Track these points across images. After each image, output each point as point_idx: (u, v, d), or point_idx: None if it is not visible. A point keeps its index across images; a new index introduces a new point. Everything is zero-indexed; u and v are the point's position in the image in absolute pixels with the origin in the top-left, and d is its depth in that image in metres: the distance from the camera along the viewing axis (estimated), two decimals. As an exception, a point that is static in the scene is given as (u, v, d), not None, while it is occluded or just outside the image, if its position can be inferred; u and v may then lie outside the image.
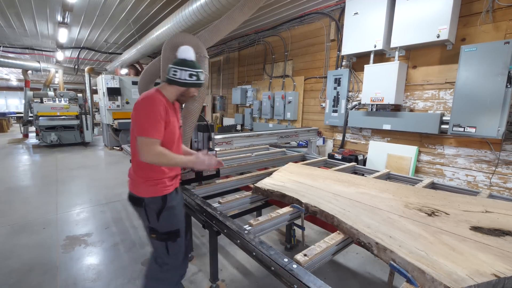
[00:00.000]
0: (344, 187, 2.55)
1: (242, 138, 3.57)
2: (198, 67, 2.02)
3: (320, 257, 1.62)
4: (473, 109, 3.51)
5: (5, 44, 10.16)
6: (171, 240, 2.03)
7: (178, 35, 2.86)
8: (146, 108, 1.83)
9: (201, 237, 3.67)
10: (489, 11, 3.61)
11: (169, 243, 2.03)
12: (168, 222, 2.01)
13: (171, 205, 2.02)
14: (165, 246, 2.03)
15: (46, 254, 3.23)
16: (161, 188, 1.97)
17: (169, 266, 2.09)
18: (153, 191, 1.96)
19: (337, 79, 5.45)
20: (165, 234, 2.00)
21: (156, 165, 1.94)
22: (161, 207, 1.97)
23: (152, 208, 1.96)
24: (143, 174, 1.96)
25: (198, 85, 2.04)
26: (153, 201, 1.96)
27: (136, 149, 1.87)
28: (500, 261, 1.37)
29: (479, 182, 3.87)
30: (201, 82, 2.05)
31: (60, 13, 6.81)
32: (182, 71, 1.95)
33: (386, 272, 2.95)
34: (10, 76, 20.18)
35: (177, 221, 2.07)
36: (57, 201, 4.89)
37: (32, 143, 11.33)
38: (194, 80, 1.98)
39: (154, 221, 1.98)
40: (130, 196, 2.03)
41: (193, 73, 1.97)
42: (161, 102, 1.87)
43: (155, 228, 1.99)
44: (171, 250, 2.04)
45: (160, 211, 1.97)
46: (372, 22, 4.54)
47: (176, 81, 1.96)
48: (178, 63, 1.96)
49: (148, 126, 1.80)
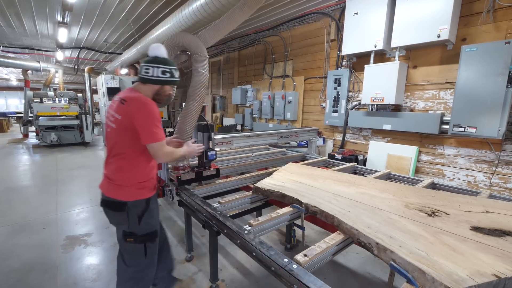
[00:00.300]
0: (344, 187, 2.55)
1: (242, 138, 3.57)
2: (170, 63, 2.00)
3: (320, 257, 1.62)
4: (474, 109, 3.50)
5: (5, 44, 10.15)
6: (150, 241, 2.03)
7: (178, 34, 2.85)
8: (145, 112, 1.82)
9: (201, 237, 3.67)
10: (490, 11, 3.61)
11: (148, 244, 2.02)
12: (148, 225, 2.01)
13: (152, 207, 2.04)
14: (143, 248, 2.01)
15: (46, 254, 3.23)
16: (147, 191, 2.00)
17: (146, 264, 2.08)
18: (139, 194, 1.95)
19: (337, 79, 5.45)
20: (144, 236, 1.99)
21: (143, 168, 1.97)
22: (144, 209, 1.98)
23: (134, 211, 1.94)
24: (131, 178, 1.93)
25: (173, 82, 2.02)
26: (137, 204, 1.95)
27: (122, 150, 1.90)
28: (501, 262, 1.37)
29: (480, 182, 3.86)
30: (175, 79, 2.03)
31: (60, 12, 6.80)
32: (154, 68, 1.92)
33: (386, 273, 2.94)
34: (10, 76, 20.18)
35: (155, 222, 2.10)
36: (57, 201, 4.89)
37: (32, 143, 11.33)
38: (167, 77, 1.97)
39: (135, 224, 1.95)
40: (108, 202, 1.95)
41: (166, 69, 1.95)
42: (153, 103, 1.91)
43: (134, 232, 1.97)
44: (149, 250, 2.05)
45: (143, 213, 1.97)
46: (373, 22, 4.53)
47: (149, 79, 1.93)
48: (149, 60, 1.94)
49: (156, 130, 1.84)
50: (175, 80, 2.03)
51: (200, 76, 2.78)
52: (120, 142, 1.89)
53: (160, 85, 1.97)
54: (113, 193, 1.92)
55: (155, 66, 1.93)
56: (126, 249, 2.04)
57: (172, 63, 2.02)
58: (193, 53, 2.80)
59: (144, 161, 1.97)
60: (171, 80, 2.00)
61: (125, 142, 1.88)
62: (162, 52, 1.98)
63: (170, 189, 2.86)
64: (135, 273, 2.05)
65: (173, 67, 2.01)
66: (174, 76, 2.02)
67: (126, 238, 1.97)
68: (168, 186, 2.88)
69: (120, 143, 1.89)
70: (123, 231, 1.97)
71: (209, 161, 2.90)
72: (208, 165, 2.93)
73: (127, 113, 1.83)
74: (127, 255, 2.05)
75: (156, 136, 1.84)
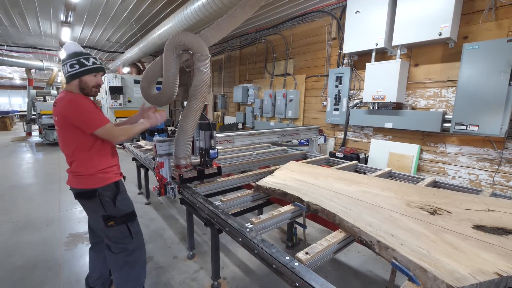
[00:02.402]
0: (346, 185, 2.55)
1: (243, 137, 3.57)
2: (77, 54, 1.99)
3: (322, 256, 1.62)
4: (476, 107, 3.49)
5: (9, 43, 10.21)
6: (131, 220, 2.15)
7: (180, 34, 2.85)
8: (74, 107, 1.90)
9: (202, 235, 3.68)
10: (492, 9, 3.59)
11: (130, 224, 2.14)
12: (124, 205, 2.15)
13: (123, 190, 2.19)
14: (127, 228, 2.13)
15: (49, 252, 3.25)
16: (112, 175, 2.12)
17: (134, 246, 2.18)
18: (106, 179, 2.06)
19: (338, 77, 5.44)
20: (124, 216, 2.11)
21: (102, 157, 2.07)
22: (116, 192, 2.10)
23: (106, 195, 2.05)
24: (92, 167, 2.02)
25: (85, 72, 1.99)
26: (107, 188, 2.06)
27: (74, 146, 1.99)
28: (503, 260, 1.37)
29: (482, 181, 3.85)
30: (87, 67, 2.00)
31: (63, 12, 6.83)
32: (64, 66, 1.98)
33: (387, 271, 2.95)
34: (13, 75, 20.27)
35: (130, 203, 2.24)
36: (60, 199, 4.91)
37: (35, 141, 11.38)
38: (77, 69, 1.96)
39: (111, 207, 2.07)
40: (78, 193, 2.08)
41: (73, 62, 1.96)
42: (81, 96, 1.97)
43: (113, 215, 2.07)
44: (133, 229, 2.16)
45: (115, 196, 2.09)
46: (374, 20, 4.52)
47: (66, 78, 1.99)
48: (62, 60, 2.04)
49: (94, 117, 1.93)
50: (88, 69, 1.99)
51: (202, 75, 2.78)
52: (68, 139, 1.98)
53: (76, 78, 1.98)
54: (81, 184, 2.04)
55: (64, 64, 1.98)
56: (110, 237, 2.12)
57: (79, 53, 2.00)
58: (195, 52, 2.80)
59: (99, 149, 2.05)
60: (82, 70, 1.97)
61: (73, 138, 1.97)
62: (69, 48, 1.99)
63: (172, 187, 2.87)
64: (126, 256, 2.14)
65: (81, 56, 1.98)
66: (85, 65, 1.99)
67: (107, 222, 2.06)
68: (170, 184, 2.89)
69: (69, 140, 1.98)
70: (102, 216, 2.06)
71: (211, 159, 2.91)
72: (210, 163, 2.94)
73: (60, 113, 1.93)
74: (112, 244, 2.14)
75: (96, 122, 1.92)
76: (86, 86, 2.02)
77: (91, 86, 2.04)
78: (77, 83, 1.99)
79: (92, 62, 2.03)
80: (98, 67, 2.06)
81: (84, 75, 1.99)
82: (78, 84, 2.00)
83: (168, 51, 2.94)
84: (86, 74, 2.00)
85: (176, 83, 3.23)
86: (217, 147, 2.97)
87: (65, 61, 1.99)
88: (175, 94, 3.00)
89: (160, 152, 2.88)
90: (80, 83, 2.00)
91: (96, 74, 2.06)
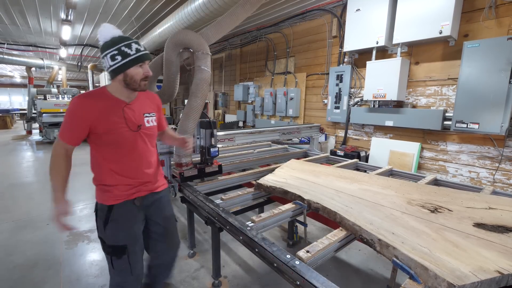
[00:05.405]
0: (347, 183, 2.55)
1: (244, 135, 3.57)
2: (118, 41, 1.61)
3: (323, 254, 1.62)
4: (476, 105, 3.49)
5: (9, 42, 10.19)
6: (115, 255, 1.76)
7: (180, 32, 2.85)
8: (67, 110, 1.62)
9: (203, 234, 3.69)
10: (492, 7, 3.58)
11: (113, 258, 1.76)
12: (113, 236, 1.75)
13: (117, 219, 1.74)
14: (110, 260, 1.78)
15: (49, 250, 3.26)
16: (109, 197, 1.73)
17: (114, 281, 1.86)
18: (102, 198, 1.75)
19: (339, 75, 5.43)
20: (109, 247, 1.75)
21: (105, 171, 1.73)
22: (106, 217, 1.73)
23: (100, 215, 1.76)
24: (96, 177, 1.78)
25: (130, 63, 1.61)
26: (101, 208, 1.75)
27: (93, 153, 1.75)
28: (504, 258, 1.37)
29: (483, 179, 3.85)
30: (132, 57, 1.61)
31: (63, 10, 6.81)
32: (104, 58, 1.62)
33: (388, 269, 2.95)
34: (14, 73, 20.28)
35: (124, 236, 1.77)
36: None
37: (36, 140, 11.39)
38: (119, 61, 1.59)
39: (101, 230, 1.76)
40: None
41: (114, 52, 1.59)
42: (78, 98, 1.62)
43: (102, 238, 1.78)
44: (116, 265, 1.78)
45: (106, 221, 1.73)
46: (374, 19, 4.51)
47: (109, 73, 1.66)
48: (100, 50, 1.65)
49: (62, 126, 1.63)
50: (132, 59, 1.61)
51: (202, 73, 2.78)
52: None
53: (120, 73, 1.63)
54: None
55: (104, 55, 1.61)
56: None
57: (119, 39, 1.61)
58: (195, 50, 2.80)
59: (104, 161, 1.73)
60: (125, 62, 1.60)
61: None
62: (105, 34, 1.62)
63: (173, 186, 2.87)
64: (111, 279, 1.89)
65: (121, 44, 1.60)
66: (127, 55, 1.60)
67: (101, 242, 1.81)
68: (171, 182, 2.89)
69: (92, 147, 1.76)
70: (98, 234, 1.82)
71: (211, 157, 2.91)
72: (211, 162, 2.94)
73: None
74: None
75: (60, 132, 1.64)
76: (133, 80, 1.65)
77: (139, 79, 1.66)
78: (122, 77, 1.63)
79: (136, 50, 1.62)
80: (143, 55, 1.65)
81: (129, 68, 1.61)
82: (123, 78, 1.64)
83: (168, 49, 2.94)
84: (131, 66, 1.61)
85: (177, 81, 3.24)
86: (217, 146, 2.97)
87: (104, 51, 1.61)
88: (175, 92, 3.01)
89: (161, 150, 2.88)
90: (125, 78, 1.63)
91: (142, 64, 1.66)
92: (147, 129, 1.81)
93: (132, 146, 1.74)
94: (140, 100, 1.81)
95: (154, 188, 1.90)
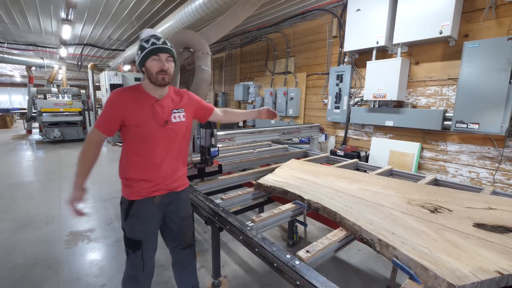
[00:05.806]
0: (347, 183, 2.55)
1: (244, 135, 3.56)
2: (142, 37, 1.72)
3: (323, 254, 1.62)
4: (476, 106, 3.49)
5: (9, 41, 10.19)
6: (131, 248, 1.86)
7: (181, 32, 2.85)
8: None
9: (203, 233, 3.69)
10: (492, 7, 3.58)
11: (129, 251, 1.87)
12: (131, 230, 1.85)
13: (137, 214, 1.82)
14: (127, 252, 1.89)
15: (49, 250, 3.26)
16: (129, 191, 1.81)
17: (127, 273, 1.97)
18: (125, 192, 1.84)
19: (339, 75, 5.43)
20: (128, 240, 1.86)
21: (133, 164, 1.79)
22: (127, 210, 1.82)
23: (122, 208, 1.87)
24: (121, 170, 1.86)
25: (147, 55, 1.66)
26: (124, 202, 1.85)
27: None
28: (504, 258, 1.36)
29: (483, 179, 3.85)
30: (146, 50, 1.66)
31: (63, 10, 6.81)
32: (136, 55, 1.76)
33: (388, 269, 2.95)
34: (14, 73, 20.28)
35: (141, 231, 1.86)
36: (60, 197, 4.92)
37: (36, 139, 11.40)
38: (140, 54, 1.69)
39: (123, 221, 1.87)
40: None
41: (138, 48, 1.71)
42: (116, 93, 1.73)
43: (123, 229, 1.89)
44: (131, 258, 1.89)
45: (127, 214, 1.83)
46: (375, 19, 4.51)
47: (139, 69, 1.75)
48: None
49: (99, 117, 1.75)
50: (146, 52, 1.66)
51: (202, 73, 2.78)
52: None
53: (142, 67, 1.72)
54: None
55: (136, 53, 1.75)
56: None
57: (147, 36, 1.71)
58: (195, 50, 2.80)
59: (130, 154, 1.81)
60: (141, 56, 1.68)
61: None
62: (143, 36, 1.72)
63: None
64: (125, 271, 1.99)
65: (144, 37, 1.69)
66: (143, 49, 1.67)
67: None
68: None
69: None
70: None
71: (211, 157, 2.90)
72: (211, 162, 2.93)
73: None
74: None
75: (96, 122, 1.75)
76: (150, 73, 1.69)
77: (155, 72, 1.68)
78: (145, 72, 1.71)
79: (151, 43, 1.66)
80: (157, 47, 1.66)
81: (146, 61, 1.67)
82: (145, 73, 1.72)
83: (168, 49, 2.93)
84: (147, 59, 1.67)
85: (177, 81, 3.24)
86: (217, 145, 2.96)
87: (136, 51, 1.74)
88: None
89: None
90: (146, 72, 1.70)
91: (157, 58, 1.67)
92: (173, 125, 1.85)
93: (157, 140, 1.79)
94: (170, 97, 1.88)
95: (174, 187, 1.95)
